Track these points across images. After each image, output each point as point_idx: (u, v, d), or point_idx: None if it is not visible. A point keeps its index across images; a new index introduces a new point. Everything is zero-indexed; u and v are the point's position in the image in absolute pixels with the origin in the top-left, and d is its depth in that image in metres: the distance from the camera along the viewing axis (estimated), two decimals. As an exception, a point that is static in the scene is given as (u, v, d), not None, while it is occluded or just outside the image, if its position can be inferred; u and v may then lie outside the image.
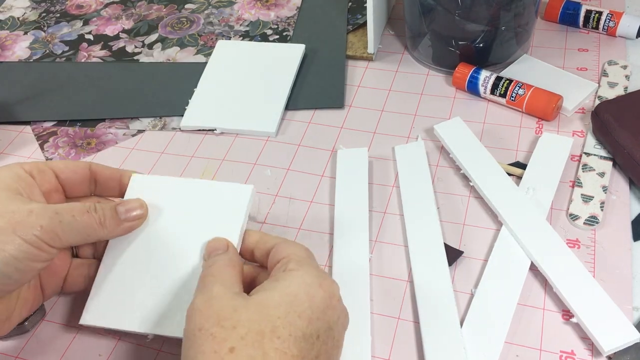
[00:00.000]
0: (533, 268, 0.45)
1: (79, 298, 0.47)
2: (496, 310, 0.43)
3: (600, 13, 0.65)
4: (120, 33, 0.73)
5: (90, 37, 0.73)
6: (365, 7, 0.61)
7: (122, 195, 0.45)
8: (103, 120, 0.62)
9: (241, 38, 0.71)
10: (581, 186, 0.50)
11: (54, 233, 0.37)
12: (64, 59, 0.70)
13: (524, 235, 0.46)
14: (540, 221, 0.47)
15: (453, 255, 0.46)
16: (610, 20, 0.64)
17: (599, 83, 0.60)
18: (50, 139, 0.60)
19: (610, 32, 0.65)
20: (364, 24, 0.69)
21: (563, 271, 0.44)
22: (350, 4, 0.73)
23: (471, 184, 0.51)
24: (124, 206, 0.42)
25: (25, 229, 0.36)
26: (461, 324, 0.42)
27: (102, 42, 0.72)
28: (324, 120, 0.60)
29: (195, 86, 0.64)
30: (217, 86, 0.63)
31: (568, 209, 0.49)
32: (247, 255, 0.42)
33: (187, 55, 0.69)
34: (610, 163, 0.52)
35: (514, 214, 0.48)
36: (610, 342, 0.40)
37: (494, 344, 0.41)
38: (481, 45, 0.60)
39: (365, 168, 0.53)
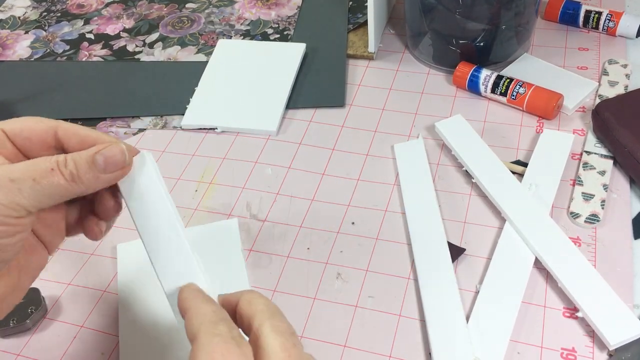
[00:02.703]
0: (534, 265, 0.45)
1: (80, 297, 0.47)
2: (502, 306, 0.43)
3: (599, 13, 0.65)
4: (121, 32, 0.73)
5: (91, 36, 0.73)
6: (366, 6, 0.62)
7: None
8: (104, 119, 0.62)
9: (242, 37, 0.71)
10: (582, 184, 0.50)
11: (15, 204, 0.31)
12: (64, 58, 0.70)
13: (528, 232, 0.46)
14: (544, 217, 0.47)
15: (455, 252, 0.47)
16: (609, 20, 0.65)
17: (599, 82, 0.60)
18: (51, 138, 0.60)
19: (610, 32, 0.65)
20: (365, 23, 0.69)
21: (568, 266, 0.44)
22: (350, 3, 0.73)
23: (473, 180, 0.51)
24: (102, 155, 0.33)
25: None
26: (466, 321, 0.42)
27: (103, 41, 0.72)
28: (324, 119, 0.60)
29: (196, 85, 0.64)
30: (218, 85, 0.63)
31: (569, 207, 0.49)
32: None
33: (188, 55, 0.69)
34: (611, 161, 0.52)
35: (517, 211, 0.48)
36: (616, 336, 0.40)
37: (500, 339, 0.41)
38: (482, 44, 0.60)
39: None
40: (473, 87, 0.60)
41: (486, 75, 0.59)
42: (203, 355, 0.28)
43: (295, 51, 0.66)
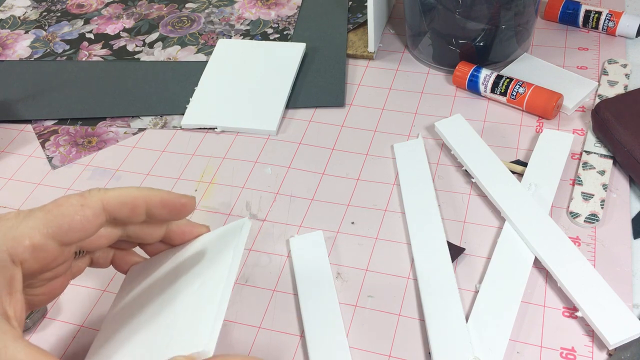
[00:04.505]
0: (533, 264, 0.45)
1: (79, 297, 0.47)
2: (501, 306, 0.43)
3: (599, 13, 0.65)
4: (121, 32, 0.73)
5: (91, 36, 0.73)
6: (366, 6, 0.62)
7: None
8: (104, 118, 0.62)
9: (242, 37, 0.71)
10: (581, 184, 0.50)
11: None
12: (64, 57, 0.70)
13: (527, 231, 0.46)
14: (543, 217, 0.47)
15: (455, 252, 0.47)
16: (609, 20, 0.65)
17: (599, 82, 0.60)
18: (51, 138, 0.61)
19: (610, 32, 0.65)
20: (365, 22, 0.69)
21: (567, 266, 0.44)
22: (350, 2, 0.73)
23: (473, 180, 0.51)
24: None
25: None
26: (466, 320, 0.42)
27: (103, 41, 0.72)
28: (324, 119, 0.60)
29: (196, 85, 0.64)
30: (217, 85, 0.64)
31: (568, 207, 0.49)
32: None
33: (187, 54, 0.69)
34: (611, 161, 0.52)
35: (517, 210, 0.48)
36: (616, 336, 0.40)
37: (499, 339, 0.41)
38: (481, 44, 0.60)
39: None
40: (473, 86, 0.60)
41: (486, 75, 0.59)
42: None
43: (295, 51, 0.66)
